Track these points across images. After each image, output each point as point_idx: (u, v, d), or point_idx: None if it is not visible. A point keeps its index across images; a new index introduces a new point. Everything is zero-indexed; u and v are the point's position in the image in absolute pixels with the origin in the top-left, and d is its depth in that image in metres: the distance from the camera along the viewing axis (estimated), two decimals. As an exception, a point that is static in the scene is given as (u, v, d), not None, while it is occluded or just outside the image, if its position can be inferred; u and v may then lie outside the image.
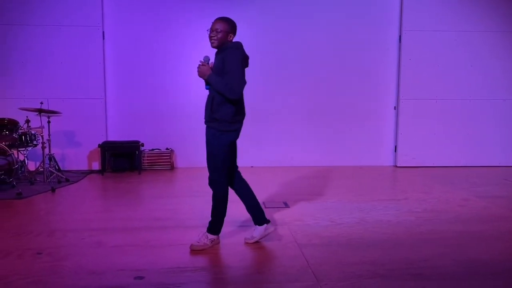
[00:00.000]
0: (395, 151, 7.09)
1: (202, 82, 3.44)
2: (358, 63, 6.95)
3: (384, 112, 7.07)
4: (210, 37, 3.18)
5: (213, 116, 3.19)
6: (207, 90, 3.35)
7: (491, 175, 6.37)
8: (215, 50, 3.29)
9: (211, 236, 3.32)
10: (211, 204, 3.29)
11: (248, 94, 7.13)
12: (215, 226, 3.32)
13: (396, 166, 7.02)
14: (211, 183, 3.24)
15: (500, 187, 5.54)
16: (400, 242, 3.48)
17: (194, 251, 3.24)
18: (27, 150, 5.68)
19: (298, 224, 3.95)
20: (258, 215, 3.43)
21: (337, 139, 7.07)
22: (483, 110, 7.00)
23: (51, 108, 6.06)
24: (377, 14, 6.90)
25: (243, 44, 3.29)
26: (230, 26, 3.18)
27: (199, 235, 3.35)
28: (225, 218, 3.35)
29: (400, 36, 6.88)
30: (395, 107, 7.02)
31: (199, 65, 3.26)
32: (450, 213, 4.32)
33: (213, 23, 3.17)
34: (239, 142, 3.63)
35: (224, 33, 3.15)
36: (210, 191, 3.29)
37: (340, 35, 6.88)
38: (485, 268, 2.96)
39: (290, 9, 6.83)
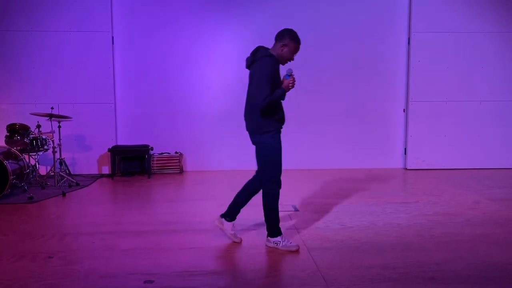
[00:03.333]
0: (405, 153, 7.04)
1: (212, 86, 3.44)
2: (367, 66, 6.92)
3: (394, 115, 7.03)
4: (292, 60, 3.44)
5: None
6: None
7: (501, 177, 6.29)
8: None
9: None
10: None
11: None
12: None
13: (406, 169, 6.97)
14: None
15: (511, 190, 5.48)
16: (411, 246, 3.45)
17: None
18: (38, 154, 5.75)
19: (307, 227, 3.93)
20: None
21: (347, 142, 7.04)
22: (493, 112, 6.93)
23: (61, 113, 6.12)
24: (386, 16, 6.87)
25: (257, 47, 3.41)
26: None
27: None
28: (236, 222, 3.34)
29: (409, 38, 6.84)
30: (404, 109, 6.98)
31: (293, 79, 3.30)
32: (461, 216, 4.28)
33: (299, 47, 3.46)
34: (248, 145, 3.65)
35: None
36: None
37: (349, 37, 6.85)
38: (499, 272, 2.92)
39: (298, 12, 6.82)
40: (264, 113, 3.23)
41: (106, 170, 6.75)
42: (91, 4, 6.52)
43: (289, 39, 3.33)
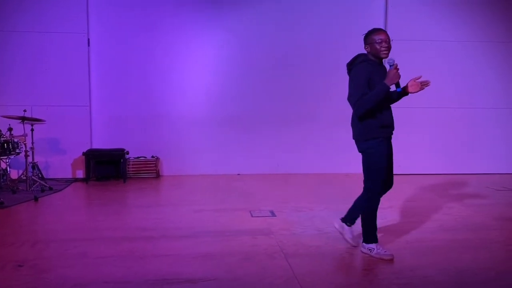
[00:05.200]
0: (381, 159, 7.14)
1: (189, 89, 3.40)
2: (345, 72, 6.99)
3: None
4: (386, 48, 3.17)
5: None
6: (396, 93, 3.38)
7: (474, 182, 6.45)
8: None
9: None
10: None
11: (236, 102, 7.19)
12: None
13: (382, 174, 7.06)
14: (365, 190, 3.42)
15: (484, 195, 5.61)
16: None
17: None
18: (10, 158, 5.58)
19: (285, 233, 3.94)
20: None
21: (324, 147, 7.10)
22: (467, 119, 7.11)
23: (34, 116, 5.97)
24: (362, 23, 6.96)
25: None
26: None
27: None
28: (214, 229, 3.32)
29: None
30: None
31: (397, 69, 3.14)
32: (435, 221, 4.36)
33: (384, 33, 3.17)
34: (226, 149, 3.62)
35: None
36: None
37: (326, 43, 6.93)
38: (471, 277, 2.98)
39: (276, 17, 6.87)
40: (363, 117, 3.14)
41: (80, 174, 6.62)
42: (66, 5, 6.40)
43: (366, 38, 3.27)
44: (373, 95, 3.08)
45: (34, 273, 3.02)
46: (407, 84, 3.32)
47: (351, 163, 7.09)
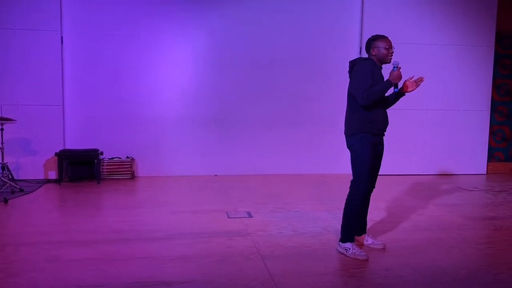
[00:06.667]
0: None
1: (165, 89, 3.36)
2: (322, 74, 7.07)
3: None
4: (392, 53, 3.39)
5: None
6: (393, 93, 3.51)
7: (446, 183, 6.60)
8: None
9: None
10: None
11: (213, 103, 7.15)
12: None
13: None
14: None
15: (455, 195, 5.75)
16: (361, 252, 3.53)
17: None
18: (-22, 159, 5.41)
19: (261, 234, 3.93)
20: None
21: (301, 148, 7.14)
22: (439, 120, 7.28)
23: (4, 115, 5.80)
24: (338, 24, 7.05)
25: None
26: None
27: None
28: (191, 231, 3.29)
29: (360, 48, 7.05)
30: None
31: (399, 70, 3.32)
32: (409, 221, 4.44)
33: (390, 41, 3.39)
34: (202, 150, 3.59)
35: None
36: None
37: (303, 46, 6.98)
38: (444, 276, 3.05)
39: (256, 19, 6.87)
40: (367, 108, 3.29)
41: (53, 175, 6.47)
42: (39, 1, 6.24)
43: (374, 43, 3.40)
44: (378, 88, 3.24)
45: (3, 277, 2.93)
46: (403, 84, 3.43)
47: (327, 164, 7.21)
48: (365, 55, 7.00)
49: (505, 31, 7.40)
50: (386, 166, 7.16)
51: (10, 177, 5.78)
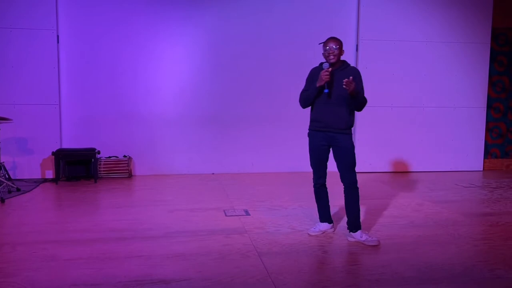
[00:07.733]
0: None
1: (162, 88, 3.35)
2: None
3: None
4: (330, 53, 3.65)
5: (350, 124, 3.70)
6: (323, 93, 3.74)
7: (443, 180, 6.62)
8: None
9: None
10: (352, 204, 3.71)
11: (210, 102, 7.15)
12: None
13: (354, 172, 7.16)
14: (354, 184, 3.73)
15: (452, 192, 5.76)
16: (358, 249, 3.54)
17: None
18: (-26, 158, 5.40)
19: (258, 232, 3.94)
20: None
21: (299, 146, 7.12)
22: (436, 117, 7.28)
23: (0, 115, 5.77)
24: (335, 23, 7.04)
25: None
26: (342, 44, 3.70)
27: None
28: (188, 229, 3.29)
29: (357, 45, 7.05)
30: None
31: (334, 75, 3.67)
32: (405, 218, 4.45)
33: (330, 41, 3.68)
34: (200, 149, 3.59)
35: (340, 50, 3.66)
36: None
37: (297, 43, 6.96)
38: (441, 273, 3.06)
39: (252, 17, 6.86)
40: (304, 109, 4.01)
41: (50, 174, 6.46)
42: (35, 0, 6.21)
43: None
44: (306, 92, 3.97)
45: (0, 276, 2.93)
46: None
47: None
48: (361, 53, 7.09)
49: (501, 28, 7.41)
50: (383, 163, 7.25)
51: (7, 176, 5.77)
